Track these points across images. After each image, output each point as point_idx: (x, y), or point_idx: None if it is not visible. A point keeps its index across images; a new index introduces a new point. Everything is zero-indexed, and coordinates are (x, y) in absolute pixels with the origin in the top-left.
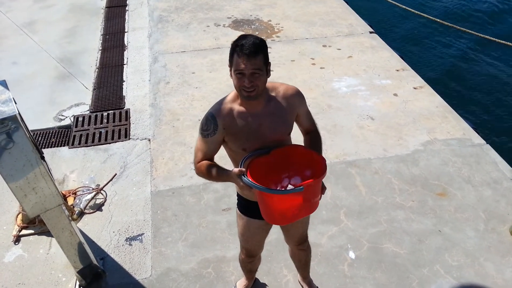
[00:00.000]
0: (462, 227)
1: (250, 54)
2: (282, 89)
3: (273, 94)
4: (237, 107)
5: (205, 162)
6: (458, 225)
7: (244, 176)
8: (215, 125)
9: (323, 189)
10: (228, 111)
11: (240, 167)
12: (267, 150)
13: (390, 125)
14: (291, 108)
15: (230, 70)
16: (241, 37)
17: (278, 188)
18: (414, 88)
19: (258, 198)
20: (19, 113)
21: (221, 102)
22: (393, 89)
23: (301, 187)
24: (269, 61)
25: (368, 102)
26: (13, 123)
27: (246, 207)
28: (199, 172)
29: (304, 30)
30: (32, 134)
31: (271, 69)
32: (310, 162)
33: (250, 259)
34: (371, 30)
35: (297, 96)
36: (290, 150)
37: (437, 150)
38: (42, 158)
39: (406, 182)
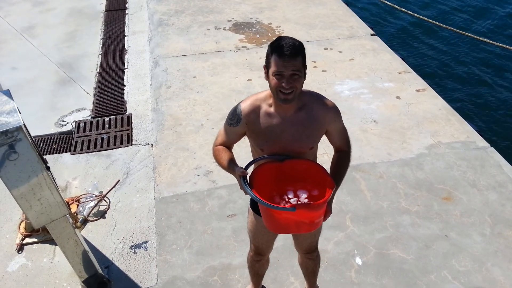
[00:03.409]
0: (469, 232)
1: (290, 55)
2: (317, 101)
3: (307, 103)
4: (266, 106)
5: (221, 148)
6: (464, 229)
7: (243, 179)
8: (239, 118)
9: (327, 212)
10: (255, 108)
11: (249, 166)
12: (282, 157)
13: (394, 128)
14: (321, 123)
15: (267, 72)
16: (280, 39)
17: (283, 200)
18: (417, 90)
19: None
20: (23, 124)
21: (253, 97)
22: (395, 92)
23: (293, 208)
24: (306, 64)
25: (371, 105)
26: (18, 134)
27: (256, 203)
28: (213, 155)
29: (305, 32)
30: (34, 140)
31: None
32: (321, 183)
33: (258, 257)
34: (372, 32)
35: (331, 112)
36: (305, 165)
37: (441, 154)
38: (47, 168)
39: (411, 187)
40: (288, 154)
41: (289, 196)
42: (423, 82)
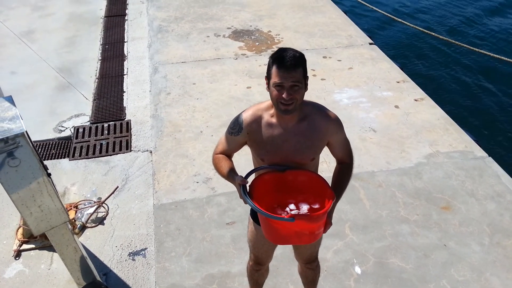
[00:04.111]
0: (467, 242)
1: (290, 66)
2: (320, 112)
3: (309, 114)
4: (267, 116)
5: (221, 156)
6: (463, 239)
7: (243, 188)
8: (240, 128)
9: (327, 224)
10: (257, 118)
11: (249, 175)
12: (283, 168)
13: (393, 137)
14: (322, 135)
15: (268, 83)
16: (280, 50)
17: (284, 211)
18: (415, 100)
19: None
20: (25, 130)
21: (255, 107)
22: (394, 101)
23: (292, 218)
24: (307, 75)
25: (369, 114)
26: (20, 140)
27: (256, 213)
28: (213, 163)
29: (304, 41)
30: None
31: None
32: (321, 195)
33: (257, 267)
34: (371, 41)
35: (333, 124)
36: (306, 176)
37: (440, 163)
38: (48, 175)
39: (410, 196)
40: (289, 164)
41: (291, 208)
42: (421, 92)
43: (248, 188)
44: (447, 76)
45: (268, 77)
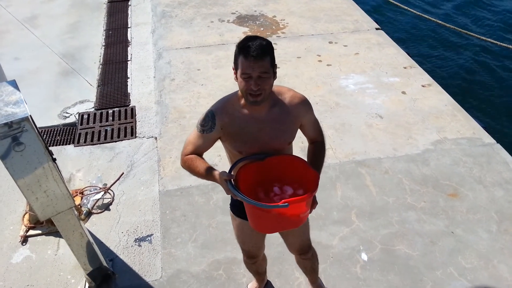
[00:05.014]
0: (475, 229)
1: (257, 56)
2: (288, 96)
3: (278, 99)
4: (238, 107)
5: (193, 156)
6: (470, 226)
7: (230, 183)
8: (213, 123)
9: (314, 204)
10: (229, 110)
11: (232, 170)
12: (262, 156)
13: (399, 123)
14: (295, 118)
15: (235, 73)
16: (247, 39)
17: (267, 197)
18: (422, 86)
19: (244, 203)
20: (30, 115)
21: (223, 100)
22: (401, 86)
23: (286, 203)
24: (275, 63)
25: (376, 100)
26: (25, 125)
27: (238, 207)
28: (185, 165)
29: (310, 26)
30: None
31: (278, 65)
32: (304, 176)
33: (251, 260)
34: (377, 26)
35: (303, 105)
36: (286, 161)
37: (447, 150)
38: (54, 160)
39: (417, 182)
40: (268, 152)
41: (276, 192)
42: (428, 77)
43: (233, 182)
44: (455, 62)
45: (235, 67)
